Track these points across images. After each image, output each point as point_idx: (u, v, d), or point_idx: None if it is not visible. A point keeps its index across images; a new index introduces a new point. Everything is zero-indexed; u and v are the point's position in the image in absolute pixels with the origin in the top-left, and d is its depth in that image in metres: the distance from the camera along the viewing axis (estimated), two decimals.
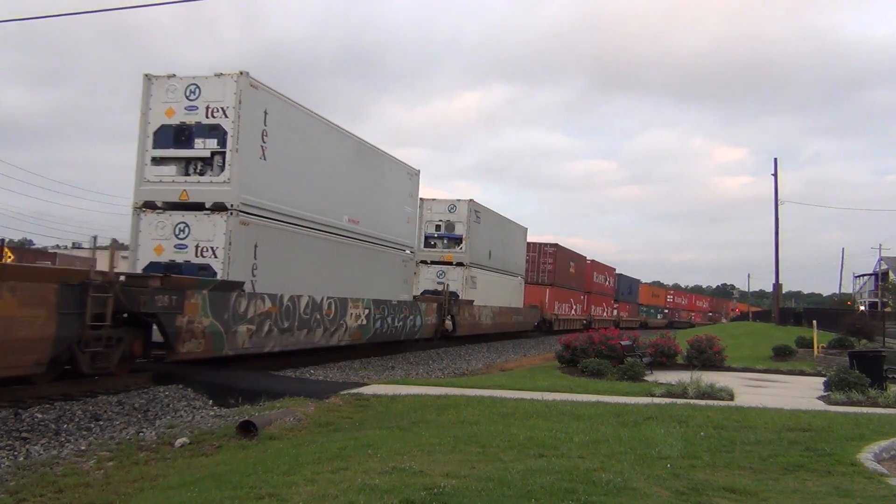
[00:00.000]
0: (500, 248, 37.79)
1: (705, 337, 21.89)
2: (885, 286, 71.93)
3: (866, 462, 7.69)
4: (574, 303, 52.85)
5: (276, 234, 17.69)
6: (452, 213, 32.99)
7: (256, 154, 16.80)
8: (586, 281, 56.85)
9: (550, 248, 48.05)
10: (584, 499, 5.74)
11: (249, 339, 16.05)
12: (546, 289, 46.75)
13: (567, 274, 50.90)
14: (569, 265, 51.48)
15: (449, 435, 8.61)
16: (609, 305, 64.56)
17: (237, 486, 6.36)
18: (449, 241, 32.90)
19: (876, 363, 15.13)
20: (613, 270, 67.80)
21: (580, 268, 55.21)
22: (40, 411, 11.37)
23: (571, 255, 53.18)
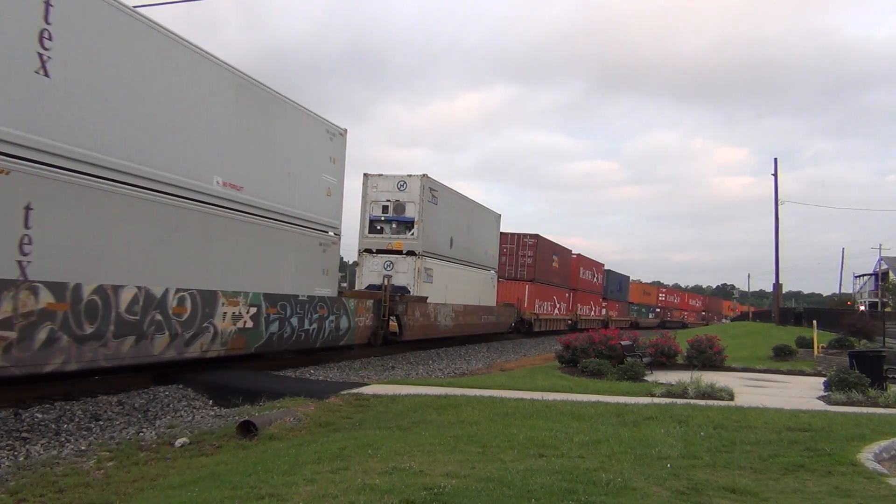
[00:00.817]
0: (465, 236, 32.15)
1: (705, 337, 21.90)
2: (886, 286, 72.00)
3: (866, 462, 7.69)
4: (557, 301, 47.81)
5: (73, 192, 11.67)
6: (403, 192, 27.05)
7: (27, 61, 10.88)
8: (572, 277, 52.11)
9: (530, 239, 42.56)
10: (584, 499, 5.74)
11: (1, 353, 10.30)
12: (525, 285, 41.71)
13: (549, 269, 45.78)
14: (551, 259, 46.46)
15: (449, 435, 8.61)
16: (597, 304, 60.45)
17: (237, 486, 6.36)
18: (399, 225, 27.21)
19: (876, 363, 15.12)
20: (602, 266, 63.51)
21: (565, 262, 50.34)
22: (40, 411, 11.38)
23: (555, 248, 47.98)
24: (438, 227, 28.94)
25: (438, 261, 29.22)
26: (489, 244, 36.35)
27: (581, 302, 54.46)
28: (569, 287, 51.14)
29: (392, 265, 27.18)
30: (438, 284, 28.86)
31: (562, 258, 49.71)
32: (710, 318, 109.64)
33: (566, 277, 50.34)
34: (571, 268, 52.45)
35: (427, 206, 27.61)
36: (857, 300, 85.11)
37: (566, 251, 51.71)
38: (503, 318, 37.83)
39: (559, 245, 49.64)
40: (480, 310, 33.96)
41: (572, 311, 51.97)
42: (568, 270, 51.05)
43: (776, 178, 49.58)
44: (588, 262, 58.76)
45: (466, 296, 32.42)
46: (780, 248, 49.36)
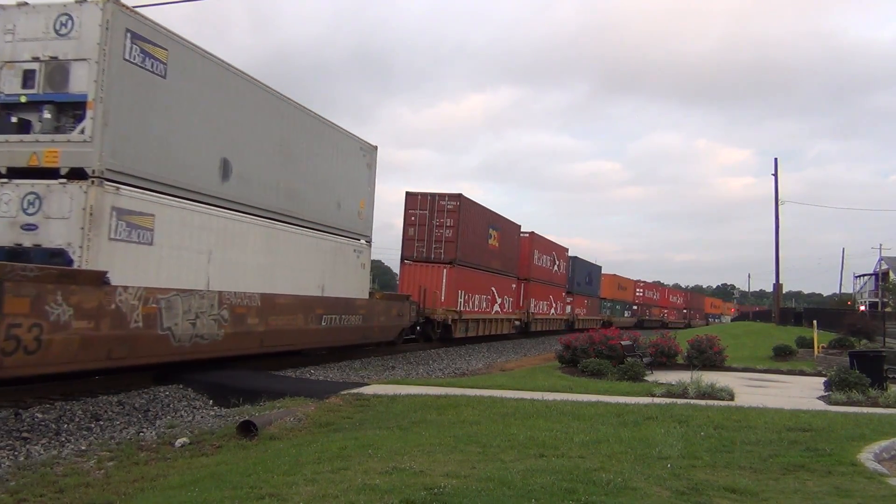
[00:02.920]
0: (278, 166, 18.09)
1: (705, 337, 21.93)
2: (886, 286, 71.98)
3: (867, 462, 7.69)
4: (498, 293, 35.38)
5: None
6: (65, 38, 12.62)
7: None
8: (521, 262, 39.73)
9: (449, 202, 29.67)
10: (584, 499, 5.74)
11: None
12: (442, 269, 29.18)
13: (483, 248, 33.08)
14: (486, 234, 33.66)
15: (449, 435, 8.61)
16: (559, 299, 47.77)
17: (237, 486, 6.36)
18: (56, 112, 12.77)
19: (876, 363, 15.12)
20: (565, 252, 50.54)
21: (510, 242, 37.46)
22: (41, 411, 11.38)
23: (492, 219, 34.71)
24: (174, 126, 14.24)
25: (177, 202, 14.33)
26: (349, 190, 21.85)
27: (536, 296, 42.29)
28: (517, 275, 38.68)
29: (37, 203, 12.30)
30: (180, 249, 14.33)
31: (505, 235, 36.46)
32: (691, 317, 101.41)
33: (512, 262, 37.76)
34: (521, 250, 39.90)
35: (128, 74, 12.88)
36: (857, 300, 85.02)
37: (513, 227, 38.53)
38: (384, 320, 24.01)
39: (501, 216, 36.31)
40: (322, 305, 19.63)
41: (522, 307, 39.95)
42: (515, 253, 38.43)
43: (776, 179, 49.66)
44: (546, 244, 45.29)
45: (286, 280, 18.18)
46: (781, 248, 49.46)
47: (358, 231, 22.75)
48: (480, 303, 32.88)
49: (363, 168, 23.12)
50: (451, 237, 29.68)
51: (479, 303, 32.64)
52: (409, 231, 29.88)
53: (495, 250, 34.99)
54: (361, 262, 22.77)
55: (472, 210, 31.82)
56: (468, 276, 31.12)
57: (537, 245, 42.89)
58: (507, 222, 37.24)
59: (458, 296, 29.96)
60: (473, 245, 31.72)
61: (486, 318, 33.77)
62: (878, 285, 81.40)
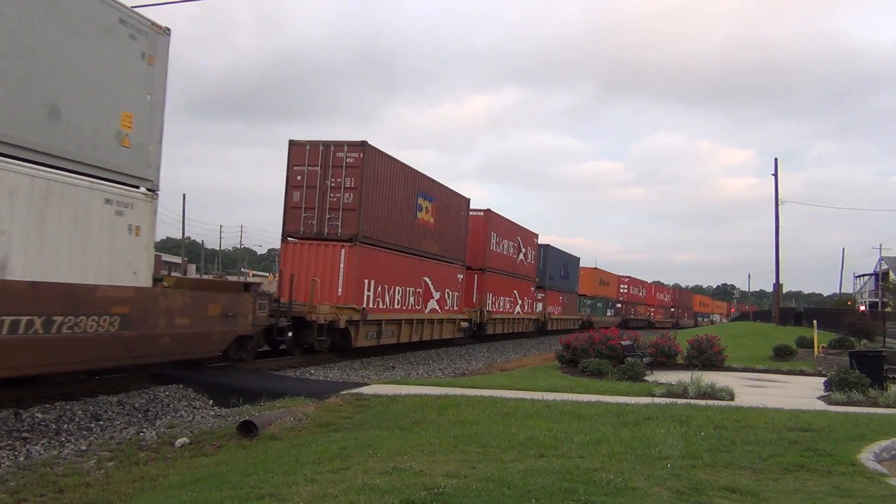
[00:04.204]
0: None
1: (705, 337, 21.97)
2: (886, 286, 72.04)
3: (867, 462, 7.69)
4: (435, 285, 27.16)
5: None
6: None
7: None
8: (473, 247, 31.69)
9: (350, 153, 21.41)
10: (584, 499, 5.75)
11: None
12: (338, 250, 20.98)
13: (407, 223, 24.61)
14: (412, 205, 25.00)
15: (449, 435, 8.61)
16: (526, 295, 40.26)
17: (237, 486, 6.37)
18: None
19: (876, 363, 15.12)
20: (535, 238, 42.12)
21: (453, 219, 29.02)
22: (41, 411, 11.38)
23: (420, 184, 25.64)
24: None
25: None
26: (90, 95, 11.82)
27: (494, 290, 34.44)
28: (463, 262, 30.41)
29: None
30: None
31: (444, 209, 27.85)
32: (679, 316, 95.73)
33: (457, 246, 29.64)
34: (472, 231, 31.85)
35: None
36: (857, 300, 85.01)
37: (456, 199, 29.38)
38: (189, 324, 14.09)
39: (440, 184, 27.66)
40: None
41: (475, 303, 32.23)
42: (461, 233, 30.24)
43: (776, 179, 49.66)
44: (508, 226, 36.44)
45: None
46: (781, 248, 49.45)
47: (117, 167, 12.33)
48: (405, 298, 24.74)
49: (131, 58, 12.52)
50: (352, 204, 21.22)
51: (400, 298, 24.38)
52: (294, 196, 21.69)
53: (428, 228, 26.45)
54: (128, 222, 12.54)
55: (386, 168, 22.91)
56: (380, 259, 22.70)
57: (495, 226, 34.37)
58: (447, 193, 28.52)
59: (364, 287, 21.54)
60: (389, 217, 23.19)
61: (413, 318, 25.45)
62: (878, 285, 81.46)
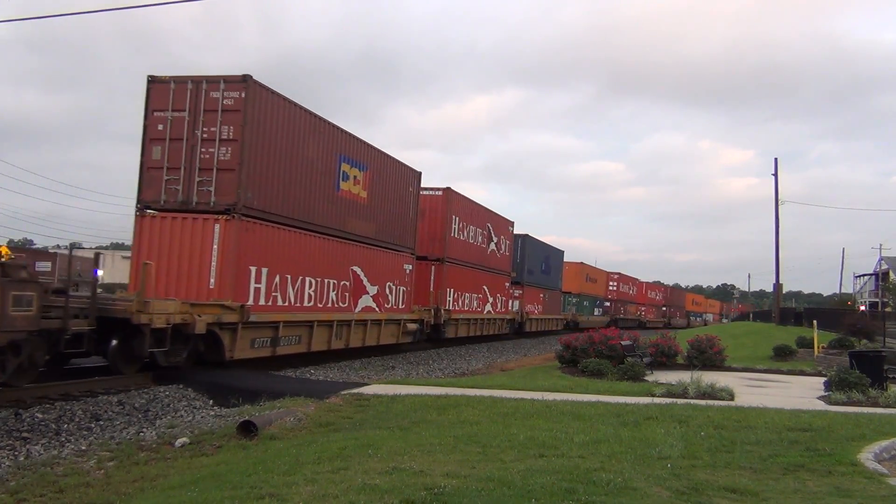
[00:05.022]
0: None
1: (705, 337, 21.97)
2: (886, 286, 71.91)
3: (867, 462, 7.68)
4: (371, 279, 22.09)
5: None
6: None
7: None
8: (428, 233, 27.35)
9: (228, 92, 15.90)
10: (584, 499, 5.74)
11: None
12: (211, 223, 15.81)
13: (322, 193, 19.21)
14: (332, 170, 19.61)
15: (449, 435, 8.60)
16: (499, 291, 35.45)
17: (237, 486, 6.36)
18: None
19: (876, 363, 15.11)
20: (509, 227, 37.28)
21: (397, 195, 23.91)
22: (41, 411, 11.38)
23: (341, 143, 20.12)
24: None
25: None
26: None
27: (457, 285, 29.25)
28: (412, 251, 25.37)
29: None
30: None
31: (381, 181, 22.50)
32: (671, 315, 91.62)
33: (403, 229, 24.47)
34: (428, 213, 27.16)
35: None
36: (857, 300, 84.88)
37: (400, 170, 24.27)
38: None
39: (373, 146, 22.02)
40: None
41: (432, 301, 27.17)
42: (409, 214, 24.93)
43: (776, 178, 49.64)
44: (474, 210, 31.08)
45: None
46: (781, 248, 49.43)
47: None
48: (322, 293, 19.19)
49: None
50: (231, 162, 15.65)
51: (314, 292, 18.81)
52: (153, 152, 16.21)
53: (358, 204, 20.86)
54: None
55: (285, 116, 16.98)
56: (277, 240, 17.13)
57: (458, 209, 28.79)
58: (387, 161, 22.79)
59: (250, 277, 16.22)
60: (292, 184, 17.56)
61: (335, 319, 19.78)
62: (878, 285, 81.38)
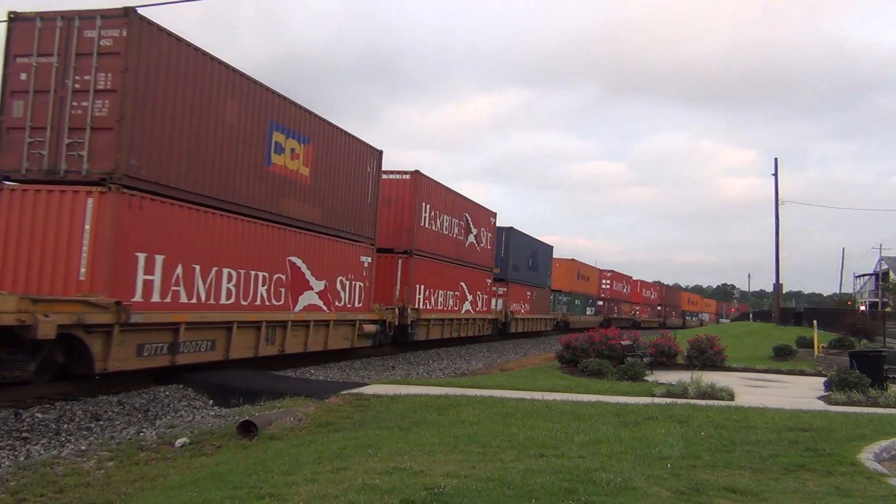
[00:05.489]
0: None
1: (705, 337, 21.95)
2: (886, 286, 71.93)
3: (867, 462, 7.68)
4: (317, 272, 19.09)
5: None
6: None
7: None
8: (390, 221, 24.47)
9: (108, 31, 12.33)
10: (584, 499, 5.74)
11: None
12: (83, 197, 12.23)
13: (248, 167, 15.89)
14: (262, 142, 16.30)
15: (449, 435, 8.60)
16: (479, 288, 32.50)
17: (237, 486, 6.36)
18: None
19: (876, 363, 15.10)
20: (491, 218, 34.44)
21: (351, 176, 20.84)
22: (40, 411, 11.38)
23: (276, 109, 16.79)
24: None
25: None
26: None
27: (428, 281, 26.26)
28: (370, 240, 22.09)
29: None
30: None
31: (332, 157, 19.55)
32: (666, 314, 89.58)
33: (359, 215, 21.25)
34: (394, 199, 24.62)
35: None
36: (857, 300, 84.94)
37: (356, 147, 20.97)
38: None
39: (319, 118, 18.94)
40: None
41: (397, 299, 24.19)
42: (367, 198, 21.70)
43: (776, 179, 49.69)
44: (449, 197, 28.23)
45: None
46: (781, 248, 49.44)
47: None
48: (247, 288, 15.88)
49: None
50: (107, 118, 12.67)
51: (235, 287, 15.46)
52: (15, 108, 13.12)
53: (298, 183, 17.67)
54: None
55: (186, 63, 13.98)
56: (178, 220, 13.95)
57: (429, 195, 25.95)
58: (336, 135, 19.06)
59: (137, 268, 12.99)
60: (199, 148, 14.35)
61: (265, 320, 16.55)
62: (878, 285, 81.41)
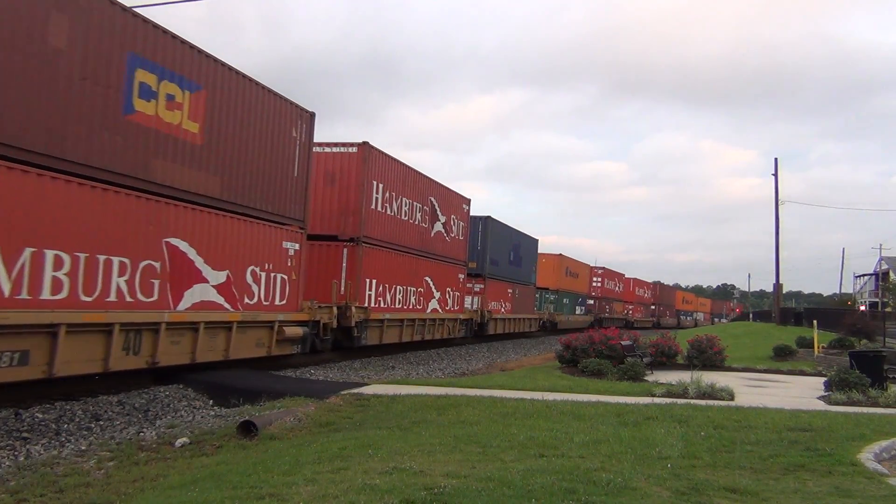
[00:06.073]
0: None
1: (705, 337, 21.96)
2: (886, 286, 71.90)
3: (867, 462, 7.69)
4: (214, 261, 14.54)
5: None
6: None
7: None
8: (329, 201, 21.12)
9: None
10: (584, 499, 5.74)
11: None
12: None
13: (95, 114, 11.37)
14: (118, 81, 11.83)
15: (449, 435, 8.60)
16: (451, 284, 28.93)
17: (237, 486, 6.36)
18: None
19: (876, 363, 15.11)
20: (464, 204, 30.56)
21: (268, 140, 16.43)
22: (41, 411, 11.38)
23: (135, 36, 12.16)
24: None
25: None
26: None
27: (382, 275, 22.76)
28: (299, 223, 18.14)
29: None
30: None
31: (235, 111, 15.17)
32: (660, 314, 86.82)
33: (280, 189, 17.19)
34: (339, 175, 21.09)
35: None
36: (857, 300, 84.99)
37: (271, 103, 16.60)
38: None
39: (211, 57, 14.27)
40: None
41: (335, 296, 20.18)
42: (296, 169, 17.79)
43: (776, 178, 49.69)
44: (408, 177, 24.49)
45: None
46: (781, 248, 49.46)
47: None
48: (90, 280, 11.67)
49: None
50: None
51: (68, 277, 11.24)
52: None
53: (183, 141, 13.77)
54: None
55: None
56: None
57: (381, 173, 22.10)
58: (240, 83, 15.36)
59: None
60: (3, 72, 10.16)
61: (112, 322, 12.00)
62: (878, 285, 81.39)
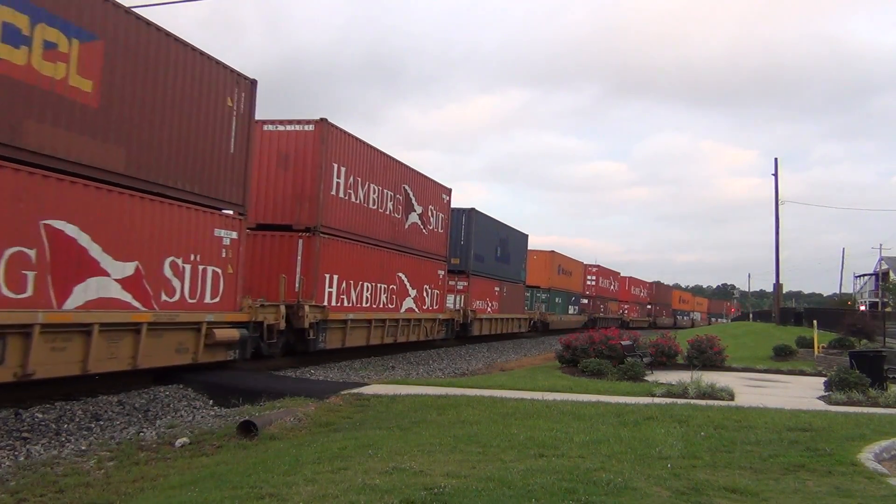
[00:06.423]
0: None
1: (705, 337, 21.96)
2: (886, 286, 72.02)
3: (867, 462, 7.68)
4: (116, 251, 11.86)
5: None
6: None
7: None
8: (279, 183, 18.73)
9: None
10: (584, 499, 5.74)
11: None
12: None
13: None
14: None
15: (449, 435, 8.61)
16: (429, 281, 26.79)
17: (237, 486, 6.36)
18: None
19: (876, 363, 15.11)
20: (444, 194, 28.50)
21: (200, 100, 13.94)
22: (41, 411, 11.38)
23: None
24: None
25: None
26: None
27: (346, 272, 20.43)
28: (239, 207, 15.58)
29: None
30: None
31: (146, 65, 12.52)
32: (656, 314, 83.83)
33: (212, 165, 14.49)
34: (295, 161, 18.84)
35: None
36: (857, 300, 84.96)
37: (197, 60, 13.89)
38: None
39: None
40: None
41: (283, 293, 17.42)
42: (230, 144, 14.99)
43: (776, 178, 49.67)
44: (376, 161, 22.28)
45: None
46: (782, 248, 49.48)
47: None
48: None
49: None
50: None
51: None
52: None
53: (70, 100, 11.02)
54: None
55: None
56: None
57: (343, 155, 19.98)
58: (151, 36, 12.85)
59: None
60: None
61: None
62: (878, 285, 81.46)
